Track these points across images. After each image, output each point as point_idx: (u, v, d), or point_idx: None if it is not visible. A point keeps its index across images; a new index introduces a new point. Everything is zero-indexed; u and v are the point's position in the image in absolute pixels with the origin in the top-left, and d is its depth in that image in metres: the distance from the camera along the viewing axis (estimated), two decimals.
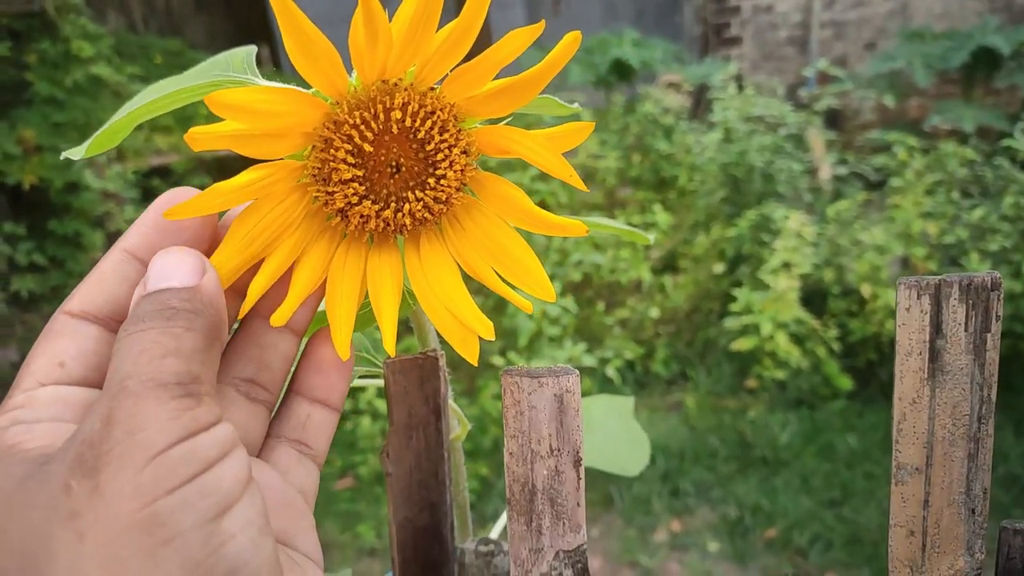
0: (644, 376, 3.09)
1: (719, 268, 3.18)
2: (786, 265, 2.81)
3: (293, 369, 0.38)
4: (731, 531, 2.34)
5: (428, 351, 0.44)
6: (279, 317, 0.35)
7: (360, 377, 0.45)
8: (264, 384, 0.36)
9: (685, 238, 3.46)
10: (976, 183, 3.16)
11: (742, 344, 2.81)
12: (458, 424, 0.47)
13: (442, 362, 0.44)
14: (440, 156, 0.35)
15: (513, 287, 0.37)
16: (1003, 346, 2.71)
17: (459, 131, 0.36)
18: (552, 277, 3.12)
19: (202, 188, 0.33)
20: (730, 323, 2.88)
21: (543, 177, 3.32)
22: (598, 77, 4.94)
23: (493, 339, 0.36)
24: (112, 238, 3.86)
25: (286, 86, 0.34)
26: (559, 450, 0.39)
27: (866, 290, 2.79)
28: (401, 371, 0.43)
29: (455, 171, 0.36)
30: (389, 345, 0.36)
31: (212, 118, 0.32)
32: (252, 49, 0.38)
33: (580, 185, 0.36)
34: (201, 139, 0.31)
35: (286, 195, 0.35)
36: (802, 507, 2.39)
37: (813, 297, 2.94)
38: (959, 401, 0.42)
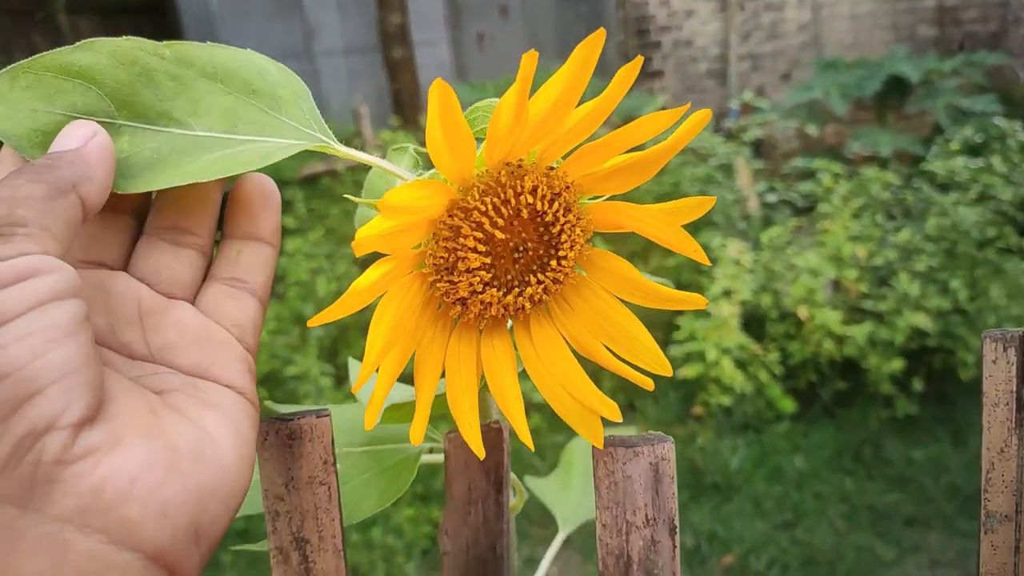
0: None
1: None
2: (727, 292, 2.86)
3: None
4: (689, 560, 2.34)
5: (492, 423, 0.42)
6: (414, 436, 0.34)
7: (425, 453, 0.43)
8: (190, 228, 0.36)
9: None
10: (899, 205, 3.29)
11: (688, 372, 2.85)
12: (514, 494, 0.45)
13: (506, 434, 0.42)
14: (564, 237, 0.34)
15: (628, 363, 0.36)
16: (936, 360, 2.81)
17: (580, 210, 0.34)
18: None
19: None
20: (675, 351, 2.92)
21: None
22: None
23: (620, 420, 0.35)
24: None
25: (429, 177, 0.33)
26: (655, 520, 0.38)
27: (803, 312, 2.87)
28: (463, 444, 0.41)
29: (576, 251, 0.34)
30: (524, 436, 0.34)
31: None
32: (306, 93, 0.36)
33: (704, 260, 0.35)
34: (365, 244, 0.30)
35: (410, 285, 0.33)
36: (757, 531, 2.41)
37: (752, 322, 3.00)
38: None
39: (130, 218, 0.37)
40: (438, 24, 6.93)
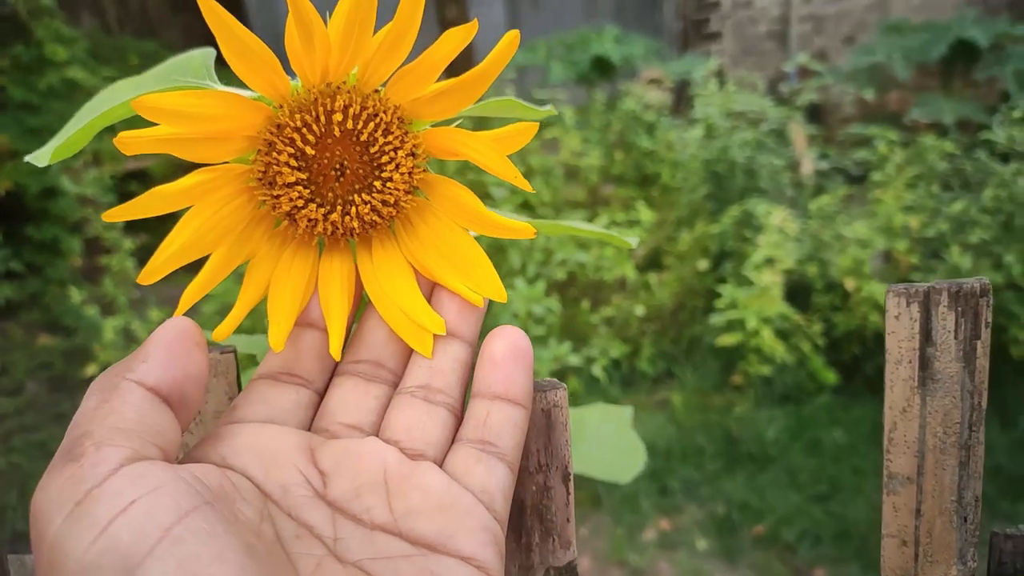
0: (630, 374, 3.09)
1: (703, 265, 3.18)
2: (769, 260, 2.81)
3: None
4: (720, 529, 2.34)
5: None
6: (275, 341, 0.35)
7: None
8: (441, 388, 0.36)
9: (669, 235, 3.46)
10: (956, 176, 3.17)
11: (727, 340, 2.81)
12: None
13: None
14: (385, 159, 0.35)
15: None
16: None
17: (405, 133, 0.35)
18: (536, 276, 3.11)
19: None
20: (715, 319, 2.88)
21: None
22: (579, 74, 4.94)
23: (443, 333, 0.36)
24: (90, 243, 3.81)
25: (225, 89, 0.33)
26: (547, 465, 0.39)
27: (850, 284, 2.80)
28: None
29: (401, 173, 0.35)
30: (335, 350, 0.36)
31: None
32: (210, 52, 0.38)
33: (527, 186, 0.35)
34: (132, 143, 0.30)
35: (231, 198, 0.35)
36: (790, 503, 2.39)
37: (797, 292, 2.94)
38: (950, 409, 0.42)
39: (326, 334, 0.36)
40: None
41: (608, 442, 0.63)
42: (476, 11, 6.17)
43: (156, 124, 0.31)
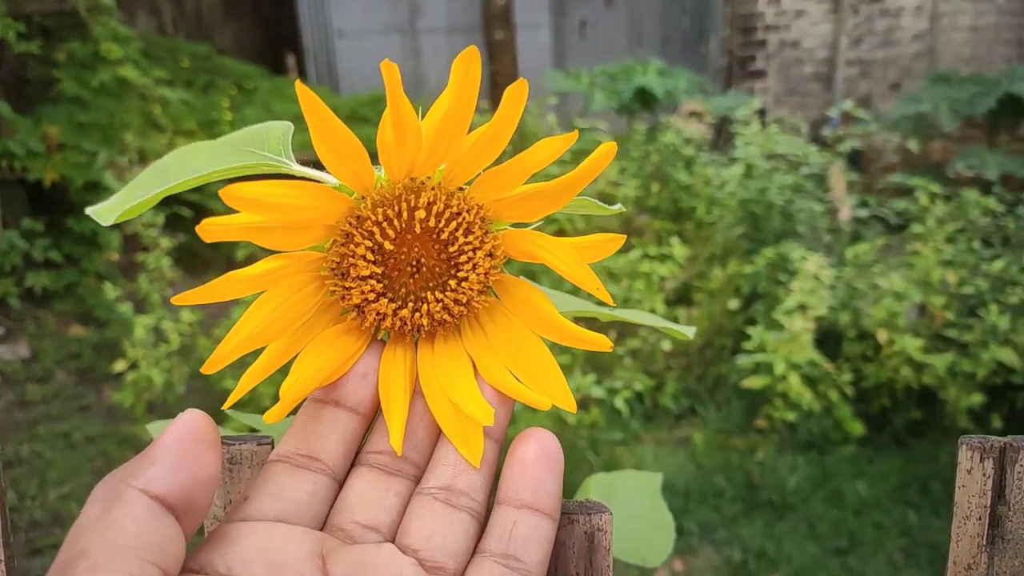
0: (652, 409, 3.07)
1: (734, 304, 3.16)
2: (802, 307, 2.78)
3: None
4: (734, 575, 2.30)
5: None
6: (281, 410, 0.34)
7: None
8: (465, 490, 0.34)
9: (701, 271, 3.44)
10: (998, 232, 3.13)
11: (754, 382, 2.79)
12: None
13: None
14: (463, 258, 0.34)
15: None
16: (1020, 399, 2.67)
17: (485, 233, 0.35)
18: None
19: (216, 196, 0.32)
20: (742, 360, 2.86)
21: None
22: (621, 104, 4.95)
23: (492, 424, 0.34)
24: (128, 239, 3.87)
25: (309, 173, 0.34)
26: None
27: (882, 336, 2.76)
28: None
29: (478, 274, 0.35)
30: (396, 443, 0.34)
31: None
32: (289, 128, 0.38)
33: (607, 299, 0.34)
34: (214, 231, 0.31)
35: (302, 286, 0.34)
36: (807, 554, 2.35)
37: (827, 339, 2.91)
38: (1019, 571, 0.40)
39: (356, 416, 0.35)
40: (542, 8, 6.91)
41: (637, 517, 0.62)
42: (523, 34, 6.22)
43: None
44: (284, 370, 0.35)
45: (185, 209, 3.46)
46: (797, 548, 2.37)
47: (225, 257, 4.08)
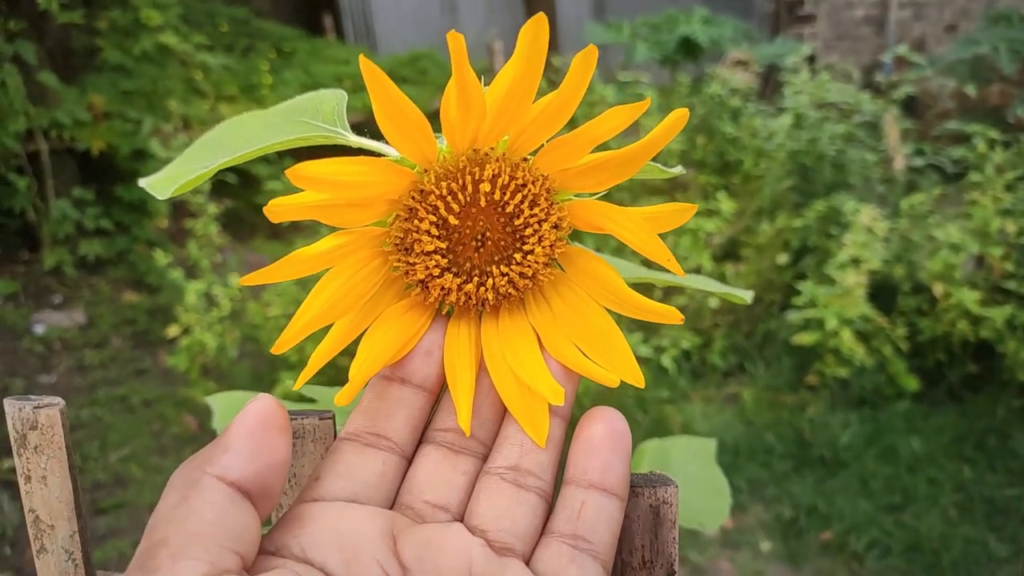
0: (700, 367, 3.04)
1: (783, 259, 3.10)
2: (855, 260, 2.72)
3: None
4: (785, 531, 2.29)
5: None
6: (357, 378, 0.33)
7: None
8: (532, 470, 0.34)
9: (748, 226, 3.38)
10: None
11: (804, 338, 2.74)
12: None
13: None
14: (529, 231, 0.34)
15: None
16: None
17: (551, 205, 0.34)
18: None
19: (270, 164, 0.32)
20: (792, 316, 2.81)
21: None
22: (664, 55, 4.84)
23: (561, 404, 0.33)
24: (176, 206, 3.93)
25: (372, 155, 0.33)
26: (652, 562, 0.36)
27: (938, 289, 2.69)
28: None
29: (544, 246, 0.34)
30: (464, 422, 0.34)
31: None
32: (343, 97, 0.37)
33: (678, 270, 0.33)
34: (282, 211, 0.30)
35: (366, 262, 0.34)
36: (860, 510, 2.33)
37: (881, 293, 2.84)
38: None
39: (422, 393, 0.35)
40: None
41: (693, 482, 0.61)
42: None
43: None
44: (323, 332, 0.35)
45: (231, 175, 3.48)
46: (849, 504, 2.35)
47: (270, 223, 4.12)
